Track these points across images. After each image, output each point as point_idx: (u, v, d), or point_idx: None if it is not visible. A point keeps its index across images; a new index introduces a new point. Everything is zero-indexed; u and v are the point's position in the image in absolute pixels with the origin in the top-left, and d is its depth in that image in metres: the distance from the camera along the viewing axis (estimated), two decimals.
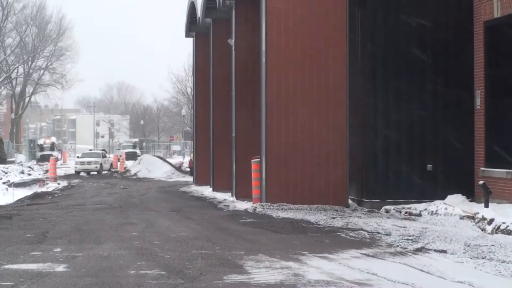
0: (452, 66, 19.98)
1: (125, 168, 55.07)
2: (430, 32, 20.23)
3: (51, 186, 33.87)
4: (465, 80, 19.80)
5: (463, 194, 18.89)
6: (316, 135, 20.10)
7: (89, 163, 52.62)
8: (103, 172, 52.17)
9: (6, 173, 42.16)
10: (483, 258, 11.56)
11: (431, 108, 19.98)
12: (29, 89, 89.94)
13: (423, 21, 20.10)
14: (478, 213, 15.80)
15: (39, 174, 45.18)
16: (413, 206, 18.61)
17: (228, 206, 22.14)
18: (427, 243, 13.10)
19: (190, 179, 38.70)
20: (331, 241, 13.82)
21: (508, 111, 18.36)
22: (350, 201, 20.36)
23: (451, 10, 20.32)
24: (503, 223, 14.22)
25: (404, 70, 20.10)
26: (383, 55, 20.41)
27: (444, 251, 12.23)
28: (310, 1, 20.37)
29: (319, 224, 16.55)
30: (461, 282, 9.46)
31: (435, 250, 12.34)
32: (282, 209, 19.32)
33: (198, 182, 33.16)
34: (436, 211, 17.57)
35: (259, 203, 20.26)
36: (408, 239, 13.69)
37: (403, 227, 15.61)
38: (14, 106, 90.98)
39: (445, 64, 20.09)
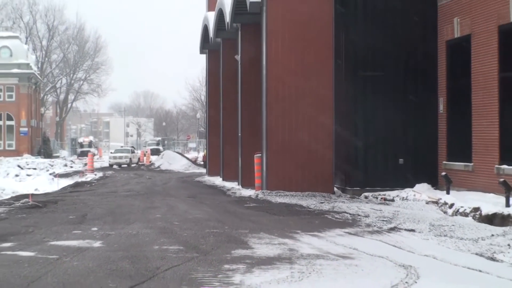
0: (421, 77, 20.04)
1: (150, 161, 54.37)
2: (402, 49, 20.17)
3: (89, 177, 34.06)
4: (431, 89, 19.90)
5: (428, 183, 18.87)
6: (308, 134, 20.05)
7: (120, 157, 52.42)
8: (132, 165, 51.55)
9: (52, 165, 41.93)
10: (445, 236, 11.55)
11: (403, 112, 19.86)
12: (71, 97, 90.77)
13: (396, 41, 20.13)
14: (441, 199, 15.95)
15: (79, 167, 44.67)
16: (387, 193, 18.62)
17: (235, 193, 22.14)
18: (399, 224, 13.13)
19: (203, 170, 38.20)
20: (319, 222, 13.83)
21: (465, 115, 18.27)
22: (335, 189, 20.42)
23: (420, 31, 20.22)
24: (461, 207, 14.37)
25: (380, 81, 20.04)
26: (363, 68, 20.39)
27: (412, 230, 12.27)
28: (302, 24, 20.34)
29: (310, 208, 16.57)
30: (427, 256, 9.48)
31: (405, 229, 12.40)
32: (279, 195, 19.30)
33: (210, 173, 32.76)
34: (406, 197, 17.64)
35: (260, 190, 20.44)
36: (383, 220, 13.70)
37: (379, 210, 15.58)
38: (58, 111, 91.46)
39: (415, 76, 20.09)
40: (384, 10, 20.28)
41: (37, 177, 30.40)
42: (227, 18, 24.93)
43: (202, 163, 46.34)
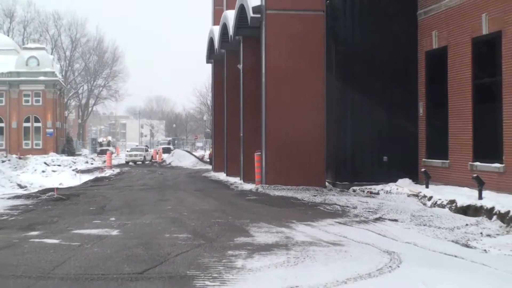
0: (403, 83, 19.91)
1: (162, 159, 54.18)
2: (387, 59, 20.00)
3: (107, 172, 33.99)
4: (412, 94, 19.88)
5: (410, 178, 18.74)
6: (302, 135, 19.99)
7: (135, 155, 52.26)
8: (146, 162, 51.29)
9: (74, 162, 41.67)
10: (424, 225, 11.61)
11: (387, 115, 19.76)
12: (91, 101, 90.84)
13: (382, 51, 20.06)
14: (421, 192, 15.92)
15: (99, 164, 44.49)
16: (373, 187, 18.56)
17: (238, 187, 22.14)
18: (383, 214, 13.19)
19: (209, 167, 37.92)
20: (313, 212, 13.83)
21: (442, 117, 18.26)
22: (327, 183, 20.43)
23: (402, 43, 20.09)
24: (439, 199, 14.42)
25: (367, 87, 19.88)
26: (352, 75, 20.34)
27: (395, 220, 12.30)
28: (297, 37, 20.27)
29: (304, 200, 16.54)
30: (408, 243, 9.55)
31: (389, 219, 12.41)
32: (277, 189, 19.30)
33: (215, 169, 32.55)
34: (390, 190, 17.56)
35: (260, 184, 20.43)
36: (369, 211, 13.78)
37: (366, 202, 15.61)
38: (80, 114, 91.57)
39: (398, 82, 19.89)
40: (371, 25, 20.21)
41: (61, 173, 30.29)
42: (230, 31, 25.00)
43: (208, 160, 46.17)
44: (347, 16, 20.36)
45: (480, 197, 13.50)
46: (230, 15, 25.20)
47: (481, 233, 10.63)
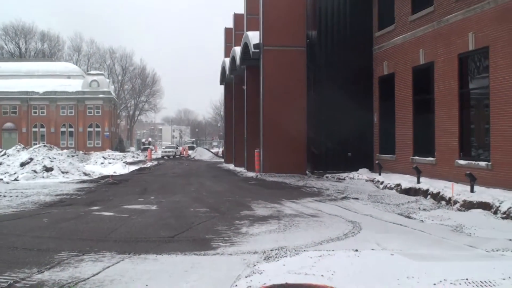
0: (363, 99, 19.48)
1: (188, 154, 54.47)
2: (352, 83, 19.56)
3: (148, 164, 33.96)
4: (369, 107, 19.56)
5: (367, 168, 18.72)
6: (289, 136, 19.84)
7: (168, 151, 51.96)
8: (176, 157, 51.07)
9: (124, 156, 41.38)
10: (378, 202, 11.60)
11: (351, 122, 19.38)
12: (137, 112, 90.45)
13: (347, 76, 19.61)
14: (375, 178, 15.97)
15: (142, 158, 45.12)
16: (341, 174, 18.40)
17: (242, 174, 22.15)
18: (348, 194, 13.18)
19: (222, 160, 37.73)
20: (297, 193, 13.77)
21: (390, 124, 17.91)
22: (307, 172, 20.23)
23: (362, 71, 19.55)
24: (389, 183, 14.46)
25: (337, 102, 19.45)
26: (325, 93, 19.78)
27: (357, 198, 12.27)
28: (286, 66, 20.19)
29: (291, 184, 16.52)
30: (366, 215, 9.57)
31: (352, 198, 12.40)
32: (271, 176, 19.31)
33: (226, 162, 32.44)
34: (353, 177, 17.49)
35: (259, 172, 20.31)
36: (338, 192, 13.77)
37: (335, 185, 15.64)
38: (128, 121, 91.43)
39: (359, 99, 19.37)
40: (339, 56, 19.92)
41: (115, 164, 30.46)
42: (237, 61, 24.97)
43: (221, 155, 45.96)
44: (321, 50, 20.14)
45: (418, 182, 13.50)
46: (237, 50, 25.26)
47: (419, 208, 10.67)
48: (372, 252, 6.05)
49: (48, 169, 19.68)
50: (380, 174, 16.82)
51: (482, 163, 12.42)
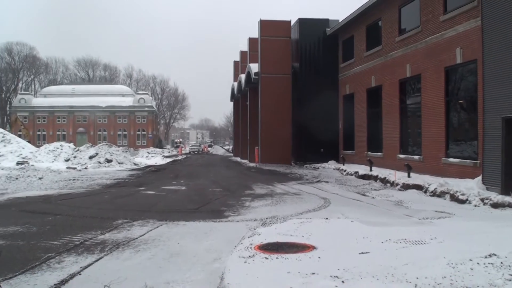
0: (331, 112, 19.05)
1: (207, 151, 54.48)
2: (323, 98, 19.00)
3: (180, 157, 33.03)
4: (336, 118, 19.15)
5: (335, 160, 18.41)
6: (279, 137, 19.58)
7: (194, 148, 50.78)
8: (199, 152, 50.44)
9: (162, 152, 41.10)
10: (342, 184, 11.49)
11: (324, 127, 18.87)
12: (171, 121, 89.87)
13: (320, 94, 19.06)
14: (340, 167, 15.87)
15: (175, 153, 45.04)
16: (316, 165, 18.06)
17: (246, 164, 21.56)
18: (321, 179, 12.98)
19: (231, 155, 36.93)
20: (285, 178, 13.51)
21: (351, 129, 17.58)
22: (292, 163, 19.78)
23: (331, 91, 19.04)
24: (350, 171, 14.19)
25: (313, 114, 18.90)
26: (304, 107, 19.32)
27: (327, 182, 12.15)
28: (278, 88, 19.89)
29: (280, 171, 16.28)
30: (334, 193, 9.45)
31: (324, 181, 12.24)
32: (266, 166, 19.01)
33: (235, 155, 31.94)
34: (325, 167, 17.27)
35: (258, 163, 20.07)
36: (314, 177, 13.59)
37: (312, 173, 15.43)
38: (165, 127, 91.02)
39: (329, 111, 19.01)
40: (314, 80, 19.59)
41: (156, 157, 30.26)
42: (243, 85, 24.84)
43: (231, 151, 46.19)
44: (302, 76, 19.90)
45: (371, 170, 13.47)
46: (242, 76, 25.17)
47: (371, 188, 10.55)
48: (338, 220, 5.99)
49: (109, 161, 19.59)
50: (344, 164, 16.80)
51: (416, 157, 12.42)
